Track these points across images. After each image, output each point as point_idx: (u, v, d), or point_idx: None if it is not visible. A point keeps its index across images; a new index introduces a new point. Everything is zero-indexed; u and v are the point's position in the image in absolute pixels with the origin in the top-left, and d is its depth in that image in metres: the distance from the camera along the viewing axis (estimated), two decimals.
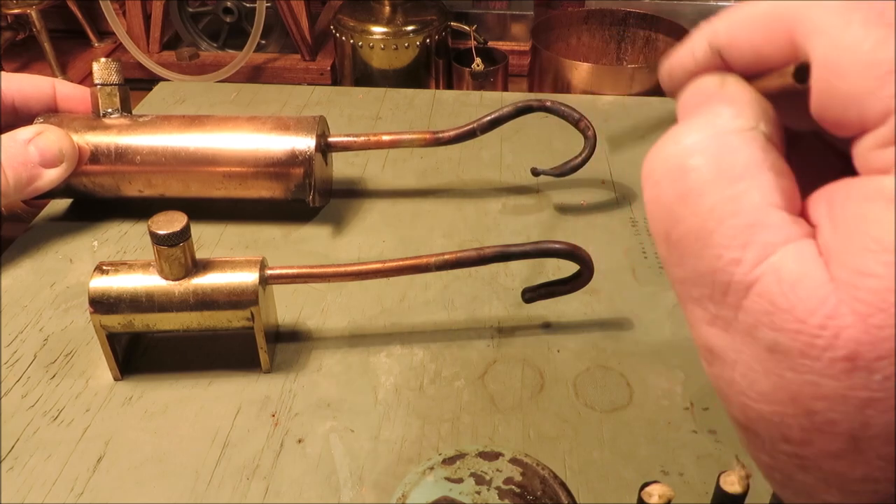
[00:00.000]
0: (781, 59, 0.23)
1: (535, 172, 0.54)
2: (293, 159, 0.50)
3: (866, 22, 0.21)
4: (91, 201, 0.54)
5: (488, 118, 0.53)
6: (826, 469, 0.20)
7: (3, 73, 0.51)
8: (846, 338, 0.19)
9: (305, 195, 0.51)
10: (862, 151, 0.21)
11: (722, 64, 0.26)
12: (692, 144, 0.22)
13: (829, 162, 0.26)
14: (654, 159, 0.23)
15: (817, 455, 0.20)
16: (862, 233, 0.19)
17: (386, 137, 0.53)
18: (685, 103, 0.25)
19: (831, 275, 0.19)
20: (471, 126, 0.53)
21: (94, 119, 0.51)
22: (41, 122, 0.50)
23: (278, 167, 0.50)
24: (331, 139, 0.53)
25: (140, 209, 0.53)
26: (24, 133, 0.48)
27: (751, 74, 0.25)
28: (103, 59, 0.51)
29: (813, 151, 0.25)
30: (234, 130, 0.51)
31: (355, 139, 0.53)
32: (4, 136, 0.48)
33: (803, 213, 0.22)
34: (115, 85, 0.51)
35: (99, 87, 0.51)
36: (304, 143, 0.50)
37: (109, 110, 0.51)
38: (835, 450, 0.20)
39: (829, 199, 0.21)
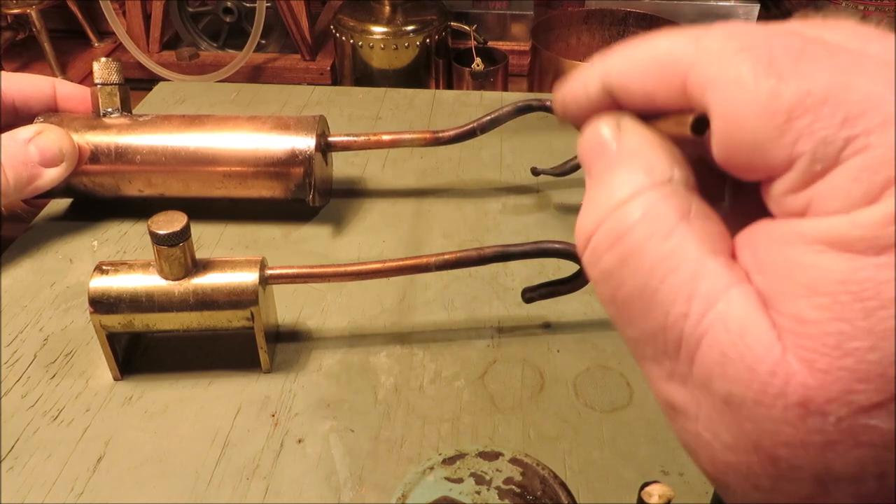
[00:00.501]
0: (675, 103, 0.23)
1: (535, 172, 0.54)
2: (293, 159, 0.50)
3: (756, 72, 0.21)
4: (91, 201, 0.54)
5: (488, 118, 0.53)
6: None
7: (3, 72, 0.51)
8: (796, 384, 0.19)
9: (305, 195, 0.51)
10: (773, 196, 0.21)
11: (614, 103, 0.26)
12: (618, 208, 0.23)
13: (717, 183, 0.26)
14: (585, 225, 0.24)
15: (788, 500, 0.20)
16: (790, 279, 0.20)
17: (386, 137, 0.53)
18: (586, 154, 0.26)
19: (772, 321, 0.20)
20: (471, 126, 0.53)
21: (94, 119, 0.51)
22: (41, 122, 0.50)
23: (278, 167, 0.50)
24: (331, 139, 0.53)
25: (140, 209, 0.53)
26: (24, 132, 0.48)
27: (645, 115, 0.25)
28: (103, 59, 0.51)
29: (702, 174, 0.25)
30: (234, 130, 0.51)
31: (355, 139, 0.53)
32: (4, 135, 0.48)
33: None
34: (116, 85, 0.51)
35: (99, 86, 0.51)
36: (304, 142, 0.50)
37: (109, 110, 0.51)
38: (805, 494, 0.20)
39: (753, 244, 0.21)
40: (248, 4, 1.53)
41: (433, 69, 1.51)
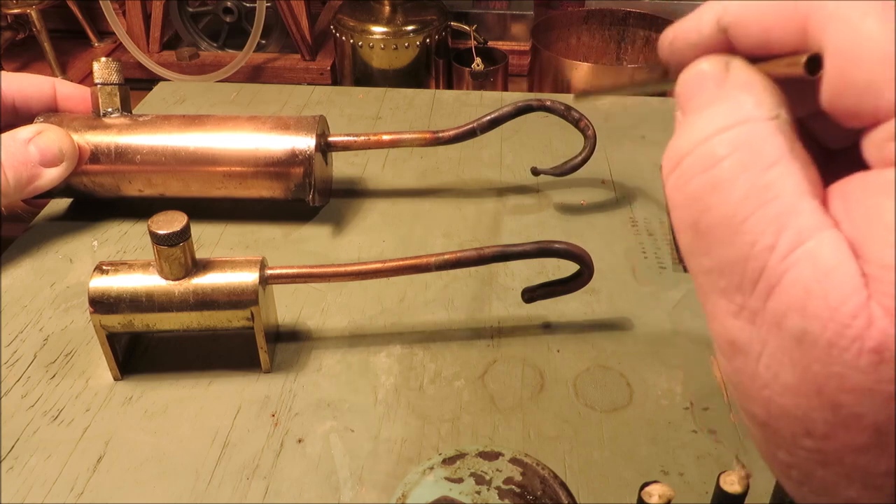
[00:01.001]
0: (790, 44, 0.23)
1: (535, 172, 0.54)
2: (293, 159, 0.50)
3: (883, 16, 0.21)
4: (91, 201, 0.54)
5: (488, 118, 0.53)
6: (849, 464, 0.20)
7: (3, 72, 0.51)
8: (876, 329, 0.18)
9: (305, 195, 0.51)
10: (874, 143, 0.21)
11: (727, 42, 0.25)
12: (720, 133, 0.22)
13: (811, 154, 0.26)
14: (679, 148, 0.23)
15: (840, 449, 0.20)
16: (881, 227, 0.19)
17: (386, 137, 0.53)
18: (688, 86, 0.25)
19: (860, 269, 0.19)
20: (471, 126, 0.53)
21: (94, 119, 0.51)
22: (41, 122, 0.50)
23: (278, 167, 0.50)
24: (331, 139, 0.53)
25: (140, 209, 0.53)
26: (24, 132, 0.48)
27: (755, 57, 0.25)
28: (103, 59, 0.51)
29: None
30: (234, 130, 0.51)
31: (355, 139, 0.53)
32: (4, 135, 0.48)
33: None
34: (116, 85, 0.51)
35: (99, 86, 0.51)
36: (304, 142, 0.50)
37: (109, 110, 0.51)
38: (859, 444, 0.20)
39: (844, 194, 0.21)
40: (248, 4, 1.53)
41: (433, 69, 1.51)
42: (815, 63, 0.22)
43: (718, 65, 0.25)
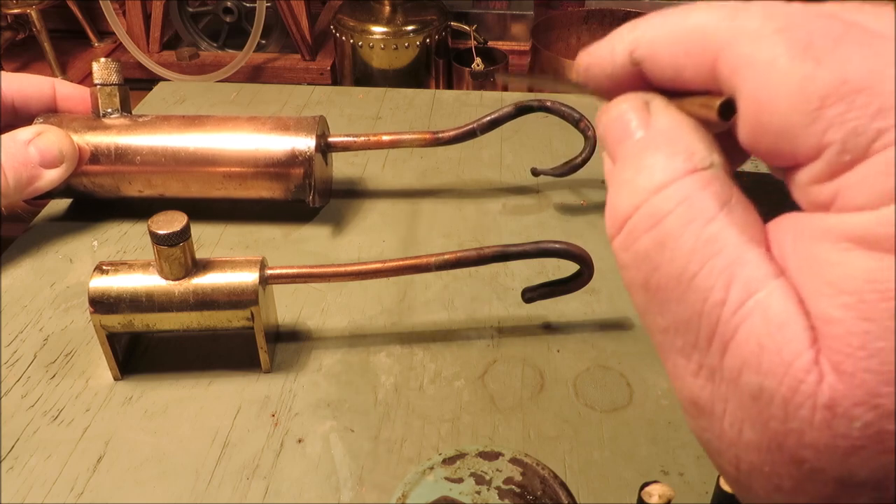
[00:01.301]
0: (702, 82, 0.23)
1: (535, 172, 0.54)
2: (293, 159, 0.50)
3: (792, 56, 0.20)
4: (91, 201, 0.54)
5: (488, 118, 0.53)
6: None
7: (3, 73, 0.51)
8: (826, 385, 0.18)
9: (305, 195, 0.51)
10: (799, 185, 0.21)
11: (638, 74, 0.25)
12: (660, 190, 0.22)
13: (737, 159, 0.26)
14: (620, 209, 0.23)
15: (811, 501, 0.20)
16: (816, 277, 0.19)
17: (386, 137, 0.53)
18: (613, 130, 0.25)
19: (808, 320, 0.19)
20: (471, 126, 0.53)
21: (94, 119, 0.51)
22: (41, 123, 0.50)
23: (278, 167, 0.50)
24: (331, 139, 0.53)
25: (140, 209, 0.53)
26: (24, 133, 0.48)
27: (669, 91, 0.25)
28: (103, 59, 0.51)
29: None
30: (234, 131, 0.51)
31: (355, 139, 0.53)
32: (4, 136, 0.48)
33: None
34: (115, 85, 0.51)
35: (99, 87, 0.51)
36: (304, 143, 0.50)
37: (109, 110, 0.51)
38: (827, 495, 0.19)
39: (778, 239, 0.21)
40: (248, 4, 1.53)
41: (433, 69, 1.51)
42: (728, 108, 0.22)
43: (639, 106, 0.25)
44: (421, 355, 0.43)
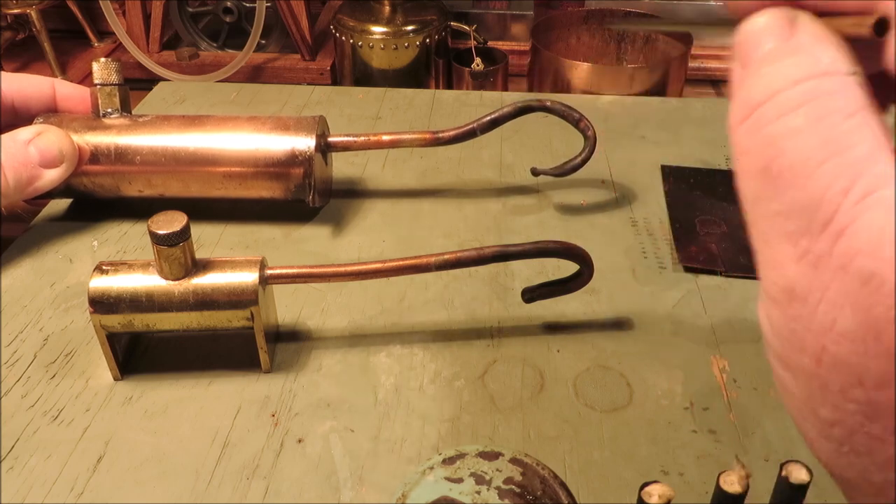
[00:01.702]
0: (857, 3, 0.23)
1: (535, 172, 0.54)
2: (293, 159, 0.50)
3: None
4: (91, 201, 0.54)
5: (488, 118, 0.53)
6: None
7: (2, 73, 0.51)
8: None
9: (305, 195, 0.51)
10: None
11: None
12: (799, 83, 0.22)
13: None
14: (751, 98, 0.23)
15: (892, 400, 0.20)
16: None
17: (386, 137, 0.53)
18: (753, 37, 0.25)
19: None
20: (471, 126, 0.53)
21: (94, 119, 0.51)
22: (41, 123, 0.50)
23: (278, 167, 0.50)
24: (331, 139, 0.53)
25: (140, 209, 0.53)
26: (24, 133, 0.48)
27: (819, 13, 0.25)
28: (103, 59, 0.51)
29: None
30: (234, 130, 0.51)
31: (355, 139, 0.53)
32: (4, 136, 0.48)
33: None
34: (115, 85, 0.51)
35: (99, 87, 0.51)
36: (304, 143, 0.50)
37: (109, 110, 0.51)
38: None
39: None
40: (248, 4, 1.53)
41: (433, 69, 1.51)
42: (882, 25, 0.22)
43: (784, 19, 0.24)
44: (421, 355, 0.43)
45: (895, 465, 0.20)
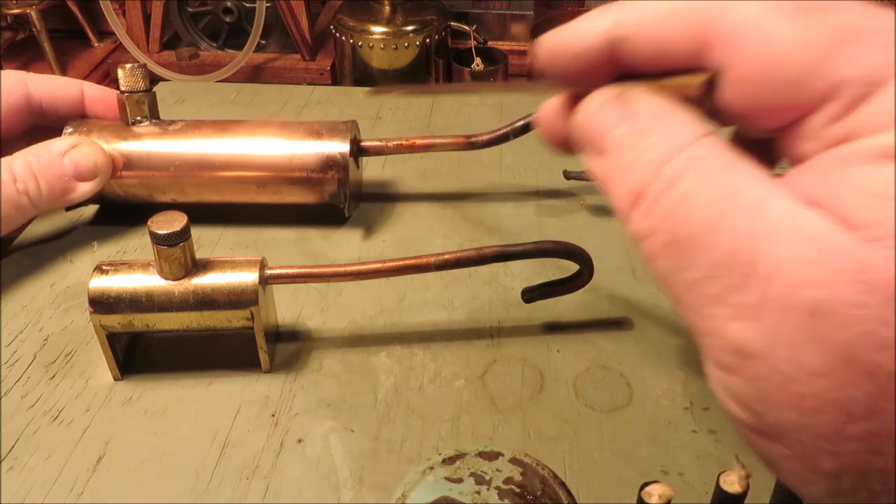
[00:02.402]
0: (683, 59, 0.24)
1: (568, 175, 0.55)
2: (328, 166, 0.49)
3: (790, 13, 0.22)
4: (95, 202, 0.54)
5: (521, 123, 0.52)
6: None
7: (30, 75, 0.51)
8: (887, 276, 0.18)
9: (339, 202, 0.51)
10: (811, 131, 0.22)
11: (611, 59, 0.26)
12: (674, 156, 0.23)
13: None
14: (631, 185, 0.24)
15: (890, 423, 0.19)
16: (852, 195, 0.20)
17: (419, 142, 0.53)
18: (599, 122, 0.25)
19: (848, 229, 0.20)
20: (504, 130, 0.53)
21: (125, 128, 0.50)
22: (72, 132, 0.49)
23: (313, 174, 0.50)
24: (363, 143, 0.53)
25: (140, 210, 0.53)
26: (58, 145, 0.47)
27: (641, 74, 0.25)
28: (129, 66, 0.49)
29: None
30: (267, 136, 0.50)
31: (388, 144, 0.53)
32: (39, 146, 0.47)
33: None
34: (143, 92, 0.50)
35: (126, 95, 0.50)
36: (339, 149, 0.49)
37: (139, 118, 0.51)
38: None
39: (802, 181, 0.22)
40: (248, 4, 1.53)
41: (433, 69, 1.51)
42: (713, 82, 0.23)
43: (618, 95, 0.25)
44: (421, 355, 0.43)
45: None
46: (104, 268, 0.39)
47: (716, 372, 0.23)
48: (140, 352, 0.43)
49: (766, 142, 0.25)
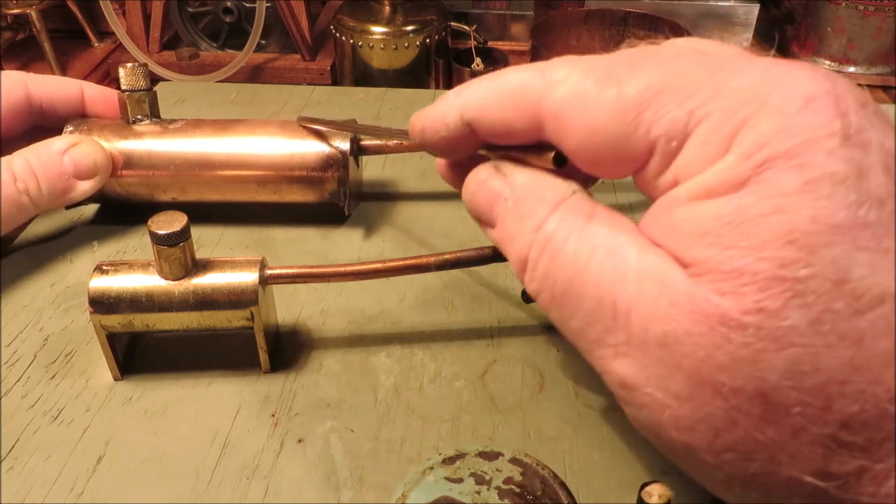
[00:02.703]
0: (531, 133, 0.27)
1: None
2: (328, 165, 0.49)
3: (600, 84, 0.25)
4: (94, 202, 0.54)
5: None
6: (763, 445, 0.21)
7: (30, 74, 0.51)
8: (712, 307, 0.21)
9: (340, 201, 0.51)
10: (648, 182, 0.25)
11: (471, 133, 0.29)
12: (541, 225, 0.26)
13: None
14: (519, 250, 0.27)
15: (748, 434, 0.21)
16: (679, 236, 0.23)
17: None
18: (484, 205, 0.30)
19: (683, 268, 0.23)
20: None
21: (125, 127, 0.51)
22: (72, 131, 0.50)
23: (313, 172, 0.50)
24: (363, 143, 0.53)
25: (140, 210, 0.53)
26: (58, 143, 0.47)
27: (500, 144, 0.29)
28: (130, 65, 0.50)
29: None
30: (267, 135, 0.50)
31: (388, 143, 0.53)
32: (38, 145, 0.47)
33: None
34: (144, 91, 0.51)
35: (127, 93, 0.50)
36: (339, 147, 0.50)
37: (139, 117, 0.51)
38: (756, 418, 0.21)
39: (646, 227, 0.25)
40: (248, 4, 1.53)
41: (433, 69, 1.51)
42: (560, 159, 0.27)
43: (493, 172, 0.29)
44: (421, 355, 0.43)
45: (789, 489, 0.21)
46: (104, 268, 0.39)
47: (621, 404, 0.26)
48: (140, 352, 0.43)
49: None
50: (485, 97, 0.28)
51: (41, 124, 0.51)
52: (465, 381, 0.41)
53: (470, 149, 0.31)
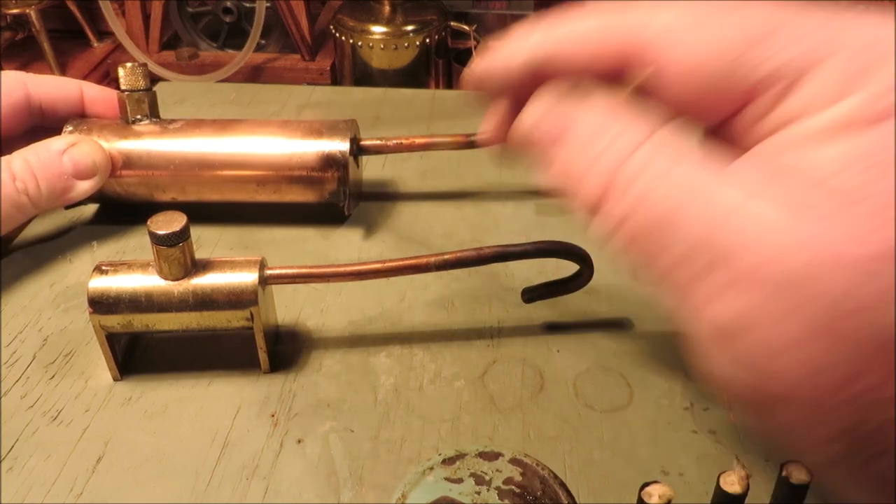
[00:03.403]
0: (609, 68, 0.26)
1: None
2: (328, 165, 0.49)
3: (710, 16, 0.24)
4: (94, 202, 0.54)
5: None
6: (886, 401, 0.19)
7: (30, 75, 0.51)
8: (849, 244, 0.19)
9: (339, 200, 0.51)
10: (746, 126, 0.24)
11: (534, 77, 0.28)
12: (629, 157, 0.24)
13: None
14: (592, 184, 0.25)
15: (874, 386, 0.19)
16: (809, 172, 0.21)
17: (419, 140, 0.53)
18: (548, 127, 0.27)
19: (805, 209, 0.21)
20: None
21: (125, 127, 0.50)
22: (71, 131, 0.50)
23: (313, 172, 0.50)
24: (363, 142, 0.53)
25: (140, 210, 0.53)
26: (57, 143, 0.47)
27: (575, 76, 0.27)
28: (129, 65, 0.49)
29: None
30: (267, 135, 0.50)
31: (388, 143, 0.53)
32: (38, 145, 0.47)
33: None
34: (143, 91, 0.50)
35: (127, 94, 0.50)
36: (339, 147, 0.49)
37: (139, 117, 0.51)
38: (885, 369, 0.19)
39: (753, 164, 0.23)
40: (247, 4, 1.53)
41: (433, 69, 1.51)
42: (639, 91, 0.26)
43: (568, 97, 0.26)
44: (421, 355, 0.43)
45: None
46: (104, 268, 0.39)
47: (709, 350, 0.23)
48: (140, 352, 0.43)
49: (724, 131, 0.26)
50: (576, 31, 0.27)
51: (41, 124, 0.51)
52: (465, 381, 0.41)
53: (531, 91, 0.28)
